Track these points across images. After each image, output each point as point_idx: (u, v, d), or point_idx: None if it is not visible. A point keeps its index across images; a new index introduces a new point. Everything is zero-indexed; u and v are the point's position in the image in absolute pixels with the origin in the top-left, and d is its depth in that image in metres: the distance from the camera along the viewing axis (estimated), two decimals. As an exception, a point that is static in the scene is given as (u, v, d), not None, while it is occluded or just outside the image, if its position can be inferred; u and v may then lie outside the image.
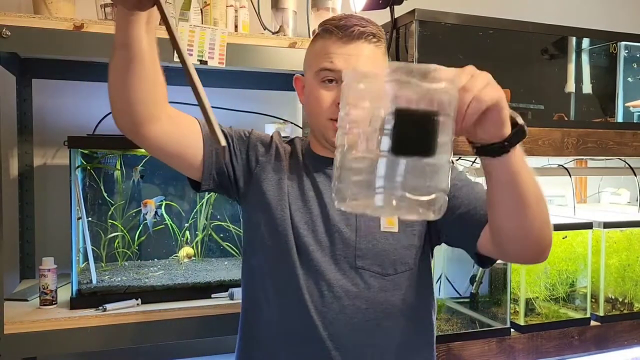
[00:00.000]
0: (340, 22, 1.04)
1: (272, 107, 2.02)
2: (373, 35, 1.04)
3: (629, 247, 1.68)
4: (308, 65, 1.11)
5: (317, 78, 1.06)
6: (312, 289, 1.03)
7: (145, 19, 0.85)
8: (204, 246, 1.75)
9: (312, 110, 1.09)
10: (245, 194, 1.12)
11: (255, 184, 1.11)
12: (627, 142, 1.75)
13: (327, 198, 1.08)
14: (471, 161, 1.72)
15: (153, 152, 1.03)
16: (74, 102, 1.87)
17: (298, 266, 1.04)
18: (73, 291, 1.48)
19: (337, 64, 1.02)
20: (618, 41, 1.87)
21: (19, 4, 1.77)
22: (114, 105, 0.94)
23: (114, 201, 1.64)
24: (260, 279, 1.09)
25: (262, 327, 1.09)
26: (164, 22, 0.73)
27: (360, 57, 1.03)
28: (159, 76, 0.92)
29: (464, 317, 1.60)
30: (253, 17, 1.73)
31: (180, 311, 1.48)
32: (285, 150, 1.15)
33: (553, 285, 1.59)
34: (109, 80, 0.92)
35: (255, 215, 1.10)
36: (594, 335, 1.62)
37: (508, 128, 0.77)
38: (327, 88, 1.05)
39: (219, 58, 1.50)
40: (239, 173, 1.11)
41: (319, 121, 1.08)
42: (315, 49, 1.08)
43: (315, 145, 1.15)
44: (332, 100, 1.04)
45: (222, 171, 1.09)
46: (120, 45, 0.86)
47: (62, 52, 1.43)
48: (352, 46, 1.03)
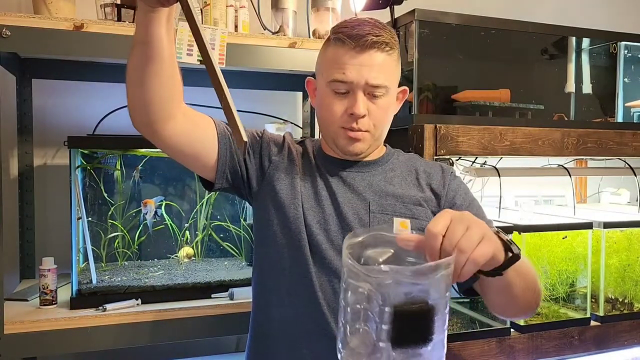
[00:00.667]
0: (353, 31, 1.04)
1: (272, 107, 2.02)
2: (386, 44, 1.04)
3: (629, 247, 1.68)
4: (320, 71, 1.11)
5: (329, 87, 1.07)
6: (325, 286, 1.04)
7: (166, 17, 0.86)
8: (204, 246, 1.75)
9: (323, 117, 1.11)
10: (257, 194, 1.13)
11: (268, 183, 1.11)
12: (627, 142, 1.75)
13: (340, 198, 1.09)
14: (471, 161, 1.72)
15: (168, 151, 1.03)
16: (74, 102, 1.87)
17: (311, 264, 1.05)
18: (73, 291, 1.48)
19: (350, 75, 1.03)
20: (618, 41, 1.87)
21: (19, 4, 1.77)
22: (131, 102, 0.95)
23: (114, 201, 1.64)
24: (272, 277, 1.10)
25: (274, 324, 1.09)
26: (188, 19, 0.74)
27: (373, 68, 1.03)
28: (177, 74, 0.93)
29: (464, 317, 1.60)
30: (253, 17, 1.73)
31: (180, 311, 1.48)
32: (297, 151, 1.16)
33: (553, 285, 1.59)
34: (127, 78, 0.93)
35: (268, 214, 1.10)
36: (594, 335, 1.62)
37: (501, 260, 0.80)
38: (339, 97, 1.06)
39: (219, 58, 1.50)
40: (252, 172, 1.12)
41: (331, 128, 1.09)
42: (327, 56, 1.08)
43: (326, 147, 1.16)
44: (344, 111, 1.06)
45: (236, 170, 1.10)
46: (140, 42, 0.87)
47: (62, 52, 1.43)
48: (365, 56, 1.03)
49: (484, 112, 1.69)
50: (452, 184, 1.14)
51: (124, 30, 1.44)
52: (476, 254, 0.71)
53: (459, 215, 0.74)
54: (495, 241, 0.77)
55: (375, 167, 1.15)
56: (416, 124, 1.50)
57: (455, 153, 1.50)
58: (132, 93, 0.93)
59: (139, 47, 0.88)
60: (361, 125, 1.06)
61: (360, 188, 1.11)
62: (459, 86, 1.70)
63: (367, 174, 1.13)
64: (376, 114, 1.07)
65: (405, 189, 1.12)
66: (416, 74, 1.57)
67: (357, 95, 1.04)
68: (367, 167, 1.14)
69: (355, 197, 1.10)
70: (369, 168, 1.14)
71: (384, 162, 1.16)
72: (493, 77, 1.81)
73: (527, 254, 1.52)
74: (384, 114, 1.09)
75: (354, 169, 1.13)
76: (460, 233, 0.71)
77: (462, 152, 1.51)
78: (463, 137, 1.50)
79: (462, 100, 1.68)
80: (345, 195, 1.10)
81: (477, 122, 1.58)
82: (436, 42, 1.64)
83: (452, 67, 1.74)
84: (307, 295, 1.04)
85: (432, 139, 1.47)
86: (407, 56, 1.61)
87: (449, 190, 1.14)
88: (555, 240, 1.56)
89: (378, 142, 1.13)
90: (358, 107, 1.04)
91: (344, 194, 1.10)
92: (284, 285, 1.08)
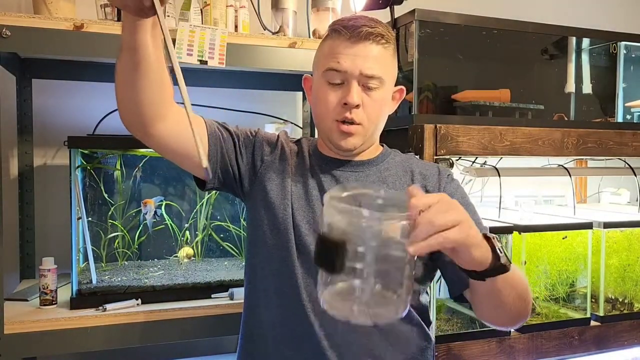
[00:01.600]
0: (349, 23, 1.04)
1: (272, 107, 2.02)
2: (382, 37, 1.04)
3: (629, 247, 1.68)
4: (316, 65, 1.11)
5: (323, 78, 1.06)
6: (311, 288, 1.03)
7: (151, 24, 0.85)
8: (204, 246, 1.75)
9: (318, 110, 1.10)
10: (249, 193, 1.12)
11: (259, 183, 1.11)
12: (627, 142, 1.75)
13: None
14: (471, 161, 1.72)
15: (160, 150, 1.03)
16: (74, 102, 1.87)
17: (297, 265, 1.04)
18: (73, 291, 1.48)
19: (344, 64, 1.02)
20: (618, 41, 1.88)
21: (19, 4, 1.77)
22: (121, 105, 0.95)
23: (114, 201, 1.64)
24: (261, 278, 1.09)
25: (262, 325, 1.09)
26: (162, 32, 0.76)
27: (368, 58, 1.03)
28: (165, 77, 0.93)
29: (464, 317, 1.60)
30: (253, 17, 1.73)
31: (180, 311, 1.48)
32: (292, 150, 1.15)
33: (553, 285, 1.59)
34: (115, 81, 0.93)
35: (258, 215, 1.10)
36: (594, 335, 1.62)
37: (485, 264, 0.82)
38: (333, 88, 1.05)
39: (219, 58, 1.50)
40: (244, 172, 1.11)
41: (325, 122, 1.08)
42: (323, 49, 1.08)
43: (322, 145, 1.15)
44: (338, 101, 1.04)
45: (227, 170, 1.09)
46: (127, 48, 0.87)
47: (62, 52, 1.43)
48: (359, 46, 1.03)
49: (484, 112, 1.69)
50: (447, 187, 1.13)
51: (124, 30, 1.44)
52: (445, 233, 0.73)
53: (449, 199, 0.77)
54: (472, 236, 0.78)
55: (370, 166, 1.13)
56: (416, 124, 1.50)
57: (455, 153, 1.50)
58: (122, 95, 0.94)
59: (126, 53, 0.88)
60: (355, 116, 1.04)
61: None
62: (459, 86, 1.70)
63: (361, 174, 1.12)
64: (370, 107, 1.05)
65: (398, 190, 1.11)
66: (416, 74, 1.57)
67: (351, 85, 1.03)
68: (362, 167, 1.13)
69: None
70: (363, 167, 1.13)
71: (379, 161, 1.15)
72: (493, 77, 1.81)
73: (527, 254, 1.52)
74: (378, 108, 1.07)
75: (347, 168, 1.12)
76: (439, 210, 0.74)
77: (462, 152, 1.51)
78: (463, 137, 1.50)
79: (462, 100, 1.68)
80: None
81: (477, 122, 1.58)
82: (436, 42, 1.64)
83: (452, 67, 1.74)
84: (293, 296, 1.04)
85: (432, 139, 1.47)
86: (407, 56, 1.61)
87: (442, 189, 1.12)
88: (555, 240, 1.56)
89: (372, 139, 1.12)
90: (352, 96, 1.02)
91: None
92: (272, 285, 1.07)
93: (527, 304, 0.98)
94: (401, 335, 1.07)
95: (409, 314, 1.07)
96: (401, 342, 1.07)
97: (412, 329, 1.09)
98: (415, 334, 1.09)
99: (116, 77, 0.92)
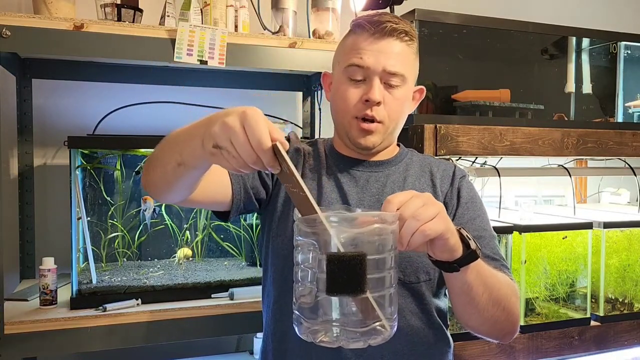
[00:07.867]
0: (373, 18, 1.02)
1: (272, 107, 2.02)
2: (405, 33, 1.02)
3: (629, 247, 1.68)
4: (337, 60, 1.08)
5: (345, 74, 1.04)
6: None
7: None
8: (204, 246, 1.75)
9: (337, 107, 1.07)
10: (266, 206, 1.10)
11: (275, 194, 1.09)
12: (627, 142, 1.75)
13: (351, 200, 1.06)
14: (471, 161, 1.72)
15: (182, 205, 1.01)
16: (74, 102, 1.87)
17: None
18: (73, 291, 1.48)
19: (367, 60, 1.01)
20: (618, 41, 1.87)
21: (19, 4, 1.77)
22: (147, 183, 0.93)
23: (114, 201, 1.64)
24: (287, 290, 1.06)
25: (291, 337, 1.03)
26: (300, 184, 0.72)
27: (391, 55, 1.01)
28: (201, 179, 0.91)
29: (464, 317, 1.60)
30: (253, 17, 1.73)
31: (180, 311, 1.48)
32: (305, 151, 1.13)
33: (553, 285, 1.59)
34: (149, 165, 0.91)
35: (274, 222, 1.07)
36: (594, 335, 1.62)
37: (458, 252, 0.82)
38: (354, 85, 1.03)
39: (219, 58, 1.50)
40: (265, 192, 1.09)
41: (344, 119, 1.06)
42: (345, 44, 1.06)
43: (339, 144, 1.13)
44: (359, 98, 1.02)
45: (250, 198, 1.06)
46: (181, 163, 0.83)
47: (62, 52, 1.43)
48: (383, 42, 1.01)
49: (484, 112, 1.69)
50: (461, 186, 1.11)
51: (124, 30, 1.44)
52: (427, 225, 0.75)
53: (420, 193, 0.78)
54: (450, 225, 0.79)
55: (389, 166, 1.12)
56: (416, 123, 1.50)
57: (455, 153, 1.50)
58: (152, 178, 0.91)
59: (174, 163, 0.83)
60: (375, 113, 1.02)
61: (373, 190, 1.08)
62: (459, 86, 1.70)
63: (381, 174, 1.10)
64: (392, 105, 1.03)
65: (419, 190, 1.10)
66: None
67: (373, 81, 1.01)
68: (381, 167, 1.11)
69: (368, 199, 1.07)
70: (382, 167, 1.11)
71: (398, 161, 1.13)
72: (493, 77, 1.81)
73: (527, 254, 1.52)
74: (399, 106, 1.05)
75: (367, 168, 1.10)
76: (417, 205, 0.75)
77: (462, 152, 1.51)
78: (463, 137, 1.50)
79: (462, 100, 1.68)
80: (356, 197, 1.06)
81: (477, 122, 1.58)
82: (436, 42, 1.64)
83: (452, 67, 1.74)
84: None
85: (432, 139, 1.47)
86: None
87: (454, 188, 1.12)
88: (555, 240, 1.56)
89: (391, 138, 1.10)
90: (374, 93, 1.00)
91: (355, 196, 1.07)
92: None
93: (507, 314, 0.94)
94: (424, 339, 1.05)
95: (430, 318, 1.06)
96: (423, 346, 1.05)
97: (434, 332, 1.07)
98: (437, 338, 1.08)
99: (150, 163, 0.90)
